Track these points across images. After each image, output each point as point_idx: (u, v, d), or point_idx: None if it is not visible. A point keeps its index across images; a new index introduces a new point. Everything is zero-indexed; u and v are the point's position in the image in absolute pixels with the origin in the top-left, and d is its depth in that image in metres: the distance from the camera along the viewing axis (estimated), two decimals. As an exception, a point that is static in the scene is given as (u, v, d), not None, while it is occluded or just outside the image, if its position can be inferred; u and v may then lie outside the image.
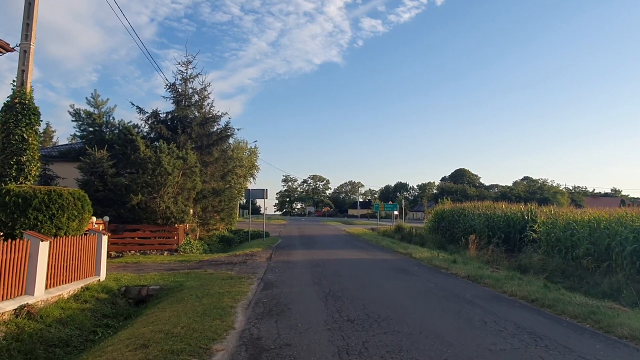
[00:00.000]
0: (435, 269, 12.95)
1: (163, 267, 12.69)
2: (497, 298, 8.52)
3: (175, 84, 20.61)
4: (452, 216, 27.63)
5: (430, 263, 14.39)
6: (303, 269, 12.19)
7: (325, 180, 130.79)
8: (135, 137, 16.95)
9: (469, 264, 14.04)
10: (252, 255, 15.69)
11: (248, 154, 36.47)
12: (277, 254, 16.69)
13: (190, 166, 17.84)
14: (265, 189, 23.21)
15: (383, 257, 16.30)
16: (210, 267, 12.59)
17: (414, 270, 12.56)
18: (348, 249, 19.16)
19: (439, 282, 10.29)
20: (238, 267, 12.36)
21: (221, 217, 21.46)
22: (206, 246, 19.77)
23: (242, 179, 32.06)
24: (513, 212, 22.76)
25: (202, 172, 19.78)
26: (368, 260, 14.80)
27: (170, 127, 19.85)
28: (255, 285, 9.38)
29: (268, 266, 12.78)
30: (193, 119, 20.24)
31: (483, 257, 17.63)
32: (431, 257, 15.64)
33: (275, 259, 15.03)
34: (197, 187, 17.84)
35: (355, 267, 12.77)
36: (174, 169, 16.60)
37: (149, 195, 16.38)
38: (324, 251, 17.91)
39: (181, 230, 17.47)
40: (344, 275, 11.05)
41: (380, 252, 18.05)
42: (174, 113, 20.13)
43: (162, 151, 16.53)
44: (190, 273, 11.22)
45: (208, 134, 20.98)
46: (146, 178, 16.12)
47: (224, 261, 13.99)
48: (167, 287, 9.70)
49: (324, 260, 14.38)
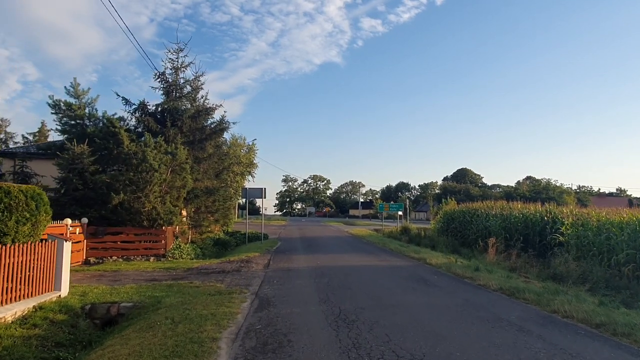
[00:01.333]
0: (457, 279, 11.22)
1: (144, 277, 10.98)
2: (551, 321, 6.79)
3: (165, 73, 18.91)
4: (463, 217, 25.90)
5: (449, 270, 12.67)
6: (306, 279, 10.47)
7: (325, 180, 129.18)
8: (119, 130, 15.22)
9: (494, 272, 12.32)
10: (248, 262, 13.97)
11: (246, 151, 34.72)
12: (276, 259, 14.97)
13: (180, 162, 16.13)
14: (263, 188, 21.49)
15: (394, 262, 14.58)
16: (199, 277, 10.86)
17: (435, 280, 10.83)
18: (354, 253, 17.44)
19: (470, 297, 8.56)
20: (230, 277, 10.63)
21: (215, 218, 19.73)
22: (199, 250, 18.04)
23: (239, 177, 30.33)
24: (531, 212, 21.06)
25: (194, 170, 18.07)
26: (379, 268, 13.07)
27: (159, 120, 18.13)
28: (247, 303, 7.65)
29: (265, 276, 11.06)
30: (184, 111, 18.52)
31: (504, 262, 15.91)
32: (449, 264, 13.92)
33: (274, 265, 13.31)
34: (188, 185, 16.12)
35: (366, 277, 11.04)
36: (160, 165, 14.88)
37: (133, 195, 14.66)
38: (328, 256, 16.19)
39: (170, 233, 15.76)
40: (355, 287, 9.32)
41: (390, 257, 16.33)
42: (164, 105, 18.41)
43: (148, 145, 14.81)
44: (173, 285, 9.49)
45: (201, 128, 19.26)
46: (129, 175, 14.41)
47: (215, 269, 12.27)
48: (142, 304, 7.98)
49: (329, 268, 12.66)
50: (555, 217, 19.29)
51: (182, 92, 19.28)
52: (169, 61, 19.05)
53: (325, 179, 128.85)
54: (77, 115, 17.23)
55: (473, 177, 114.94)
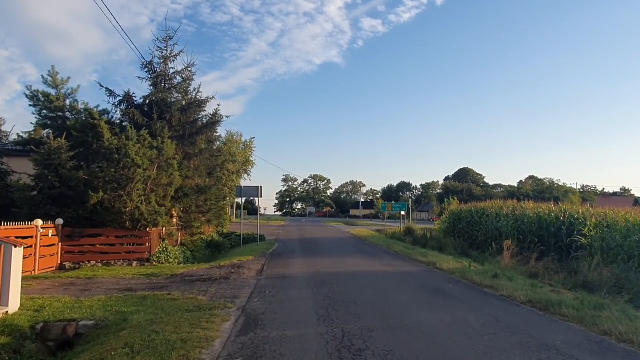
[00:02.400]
0: (476, 288, 9.85)
1: (120, 286, 9.63)
2: (608, 349, 5.44)
3: (153, 62, 17.54)
4: (470, 217, 24.53)
5: (464, 277, 11.31)
6: (303, 289, 9.11)
7: (326, 179, 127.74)
8: (98, 122, 13.86)
9: (515, 280, 10.97)
10: (240, 267, 12.61)
11: (242, 148, 33.25)
12: (270, 264, 13.61)
13: (167, 158, 14.77)
14: (259, 186, 20.12)
15: (401, 267, 13.22)
16: (181, 285, 9.50)
17: (451, 289, 9.46)
18: (357, 256, 16.08)
19: (498, 314, 7.19)
20: (216, 287, 9.26)
21: (207, 218, 18.37)
22: (188, 253, 16.70)
23: (234, 175, 28.91)
24: (545, 212, 19.72)
25: (183, 166, 16.72)
26: (385, 274, 11.71)
27: (146, 113, 16.76)
28: (230, 322, 6.29)
29: (256, 284, 9.69)
30: (173, 103, 17.15)
31: (521, 267, 14.57)
32: (462, 269, 12.56)
33: (268, 271, 11.95)
34: (175, 182, 14.76)
35: (372, 286, 9.67)
36: (144, 161, 13.53)
37: (114, 193, 13.31)
38: (329, 259, 14.83)
39: (155, 235, 14.40)
40: (360, 300, 7.96)
41: (397, 261, 14.97)
42: (151, 96, 17.04)
43: (130, 138, 13.45)
44: (148, 297, 8.13)
45: (192, 122, 17.90)
46: (110, 171, 13.06)
47: (202, 276, 10.91)
48: (105, 323, 6.63)
49: (330, 274, 11.30)
50: (571, 217, 18.00)
51: (171, 83, 17.92)
52: (157, 49, 17.70)
53: (325, 178, 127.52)
54: (56, 107, 15.88)
55: (474, 177, 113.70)
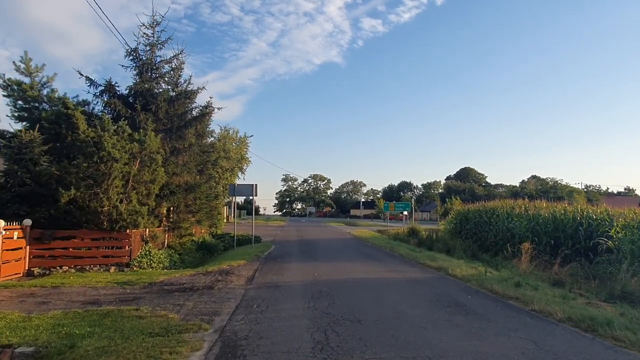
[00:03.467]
0: (500, 300, 8.47)
1: (85, 298, 8.26)
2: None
3: (138, 50, 16.16)
4: (479, 217, 23.11)
5: (482, 286, 9.94)
6: (298, 302, 7.74)
7: (326, 179, 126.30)
8: (73, 112, 12.49)
9: (540, 289, 9.61)
10: (228, 273, 11.24)
11: (237, 144, 31.79)
12: (264, 269, 12.24)
13: (150, 152, 13.40)
14: (253, 185, 18.74)
15: (410, 274, 11.84)
16: (155, 298, 8.13)
17: (472, 303, 8.08)
18: (360, 261, 14.70)
19: (539, 338, 5.80)
20: (195, 300, 7.89)
21: (197, 218, 16.99)
22: (176, 257, 15.31)
23: (228, 173, 27.51)
24: (561, 212, 18.36)
25: (171, 162, 15.36)
26: (393, 282, 10.33)
27: (130, 104, 15.39)
28: (201, 353, 4.90)
29: (244, 296, 8.32)
30: (160, 94, 15.79)
31: (540, 272, 13.20)
32: (478, 276, 11.19)
33: (260, 279, 10.57)
34: (159, 179, 13.38)
35: (378, 298, 8.29)
36: (123, 155, 12.16)
37: (89, 190, 11.95)
38: (328, 264, 13.45)
39: (136, 238, 13.03)
40: (367, 319, 6.58)
41: (403, 266, 13.59)
42: (136, 86, 15.67)
43: (106, 129, 12.08)
44: (110, 314, 6.76)
45: (181, 114, 16.53)
46: (83, 166, 11.69)
47: (183, 284, 9.54)
48: (46, 350, 5.27)
49: (330, 283, 9.93)
50: (589, 217, 16.66)
51: (158, 73, 16.55)
52: (143, 36, 16.33)
53: (325, 178, 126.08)
54: (30, 97, 14.48)
55: (476, 177, 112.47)
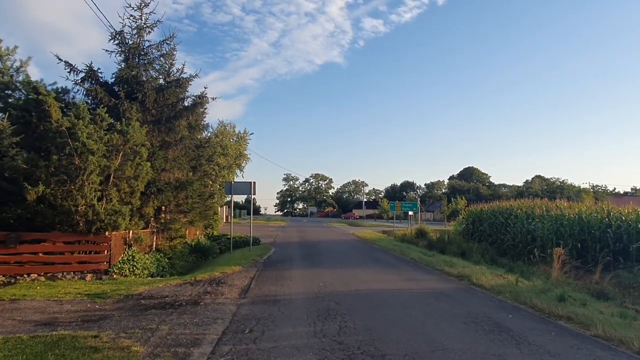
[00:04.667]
0: (549, 321, 6.90)
1: (42, 316, 6.73)
2: None
3: (124, 33, 14.62)
4: (494, 218, 21.57)
5: (518, 300, 8.39)
6: (301, 325, 6.19)
7: (328, 179, 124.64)
8: (45, 98, 10.96)
9: (590, 305, 8.08)
10: (220, 282, 9.70)
11: (236, 140, 30.21)
12: (261, 278, 10.69)
13: (135, 144, 11.88)
14: (252, 182, 17.21)
15: (430, 283, 10.28)
16: (126, 317, 6.59)
17: (518, 326, 6.50)
18: (369, 267, 13.13)
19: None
20: (172, 322, 6.34)
21: (190, 219, 15.44)
22: (165, 262, 13.76)
23: (226, 170, 25.94)
24: (587, 212, 16.85)
25: (159, 156, 13.82)
26: (412, 295, 8.77)
27: (115, 93, 13.87)
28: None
29: (234, 316, 6.76)
30: (147, 82, 14.26)
31: (575, 281, 11.65)
32: (509, 287, 9.63)
33: (256, 290, 9.02)
34: (143, 175, 11.84)
35: (400, 319, 6.73)
36: (100, 146, 10.64)
37: (61, 187, 10.43)
38: (335, 271, 11.90)
39: (117, 241, 11.50)
40: (393, 353, 5.00)
41: (420, 273, 12.03)
42: (121, 73, 14.14)
43: (81, 117, 10.55)
44: (60, 343, 5.21)
45: (171, 105, 15.00)
46: (53, 159, 10.17)
47: (164, 298, 8.00)
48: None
49: (339, 296, 8.38)
50: (618, 218, 15.20)
51: (147, 59, 15.02)
52: (129, 18, 14.78)
53: (327, 177, 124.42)
54: (1, 84, 13.00)
55: (480, 176, 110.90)
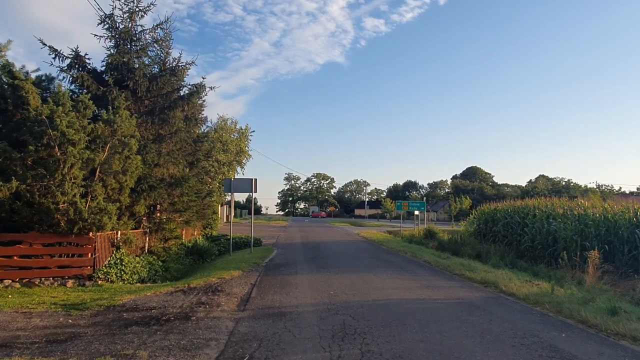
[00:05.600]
0: (612, 342, 5.71)
1: (4, 333, 5.59)
2: None
3: (114, 17, 13.47)
4: (509, 218, 20.35)
5: (562, 313, 7.23)
6: (313, 350, 5.01)
7: (329, 178, 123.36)
8: (22, 84, 9.81)
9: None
10: (217, 290, 8.53)
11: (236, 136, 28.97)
12: (263, 285, 9.52)
13: (123, 135, 10.72)
14: (253, 179, 16.04)
15: (453, 291, 9.10)
16: (99, 337, 5.42)
17: (580, 350, 5.31)
18: (382, 271, 11.94)
19: None
20: (155, 344, 5.16)
21: (185, 218, 14.26)
22: (158, 265, 12.61)
23: (226, 167, 24.72)
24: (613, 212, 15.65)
25: (151, 150, 12.65)
26: (441, 307, 7.58)
27: (104, 82, 12.72)
28: None
29: (231, 336, 5.59)
30: (139, 68, 13.11)
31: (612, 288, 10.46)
32: (543, 296, 8.46)
33: (257, 301, 7.84)
34: (132, 169, 10.68)
35: (435, 342, 5.54)
36: (82, 137, 9.48)
37: (39, 182, 9.29)
38: (346, 277, 10.72)
39: (103, 243, 10.34)
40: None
41: (438, 279, 10.84)
42: (111, 59, 12.99)
43: (61, 103, 9.40)
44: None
45: (165, 95, 13.84)
46: (29, 150, 9.02)
47: (151, 310, 6.83)
48: None
49: (354, 308, 7.20)
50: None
51: (139, 44, 13.86)
52: (120, 1, 13.63)
53: (329, 177, 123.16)
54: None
55: (483, 176, 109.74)
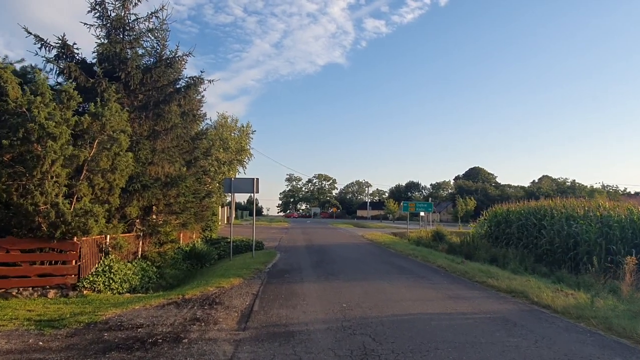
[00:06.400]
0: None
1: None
2: None
3: (105, 3, 12.52)
4: (524, 219, 19.36)
5: (612, 329, 6.26)
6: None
7: (331, 179, 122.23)
8: (1, 72, 8.86)
9: None
10: (214, 303, 7.55)
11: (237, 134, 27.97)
12: (267, 295, 8.52)
13: (112, 130, 9.76)
14: (255, 178, 15.06)
15: (482, 304, 8.10)
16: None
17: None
18: (396, 278, 10.93)
19: None
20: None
21: (182, 220, 13.29)
22: (152, 271, 11.62)
23: (226, 167, 23.71)
24: (639, 213, 14.69)
25: (144, 147, 11.70)
26: (471, 324, 6.58)
27: (94, 73, 11.76)
28: None
29: (230, 365, 4.62)
30: (131, 59, 12.15)
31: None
32: (583, 308, 7.47)
33: (261, 317, 6.85)
34: (121, 166, 9.70)
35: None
36: (64, 130, 8.52)
37: (18, 181, 8.33)
38: (358, 285, 9.71)
39: (89, 248, 9.36)
40: None
41: (460, 287, 9.83)
42: (102, 48, 12.03)
43: (39, 93, 8.44)
44: None
45: (160, 88, 12.88)
46: (4, 144, 8.05)
47: (137, 329, 5.85)
48: None
49: (375, 326, 6.20)
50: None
51: (132, 34, 12.91)
52: (113, -13, 12.68)
53: (330, 178, 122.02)
54: (-43, 60, 10.90)
55: (486, 176, 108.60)
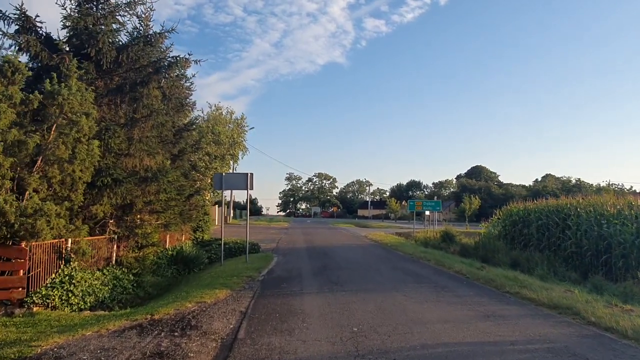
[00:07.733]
0: None
1: None
2: None
3: (75, -29, 10.86)
4: (545, 219, 17.66)
5: None
6: None
7: (331, 178, 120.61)
8: None
9: None
10: (189, 327, 5.88)
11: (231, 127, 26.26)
12: (257, 315, 6.84)
13: (72, 111, 8.11)
14: (248, 174, 13.40)
15: (528, 326, 6.42)
16: None
17: None
18: (412, 289, 9.25)
19: None
20: None
21: (164, 221, 11.62)
22: (127, 280, 9.96)
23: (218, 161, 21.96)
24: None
25: (117, 135, 10.03)
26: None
27: (58, 50, 10.10)
28: None
29: None
30: (103, 35, 10.48)
31: None
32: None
33: (245, 351, 5.15)
34: (82, 156, 8.05)
35: None
36: (7, 111, 6.87)
37: (-53, 173, 6.67)
38: (370, 299, 8.05)
39: (44, 255, 7.70)
40: None
41: (492, 302, 8.15)
42: (70, 21, 10.39)
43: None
44: None
45: (138, 68, 11.22)
46: None
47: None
48: None
49: None
50: None
51: (107, 7, 11.27)
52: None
53: (331, 177, 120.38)
54: None
55: (489, 175, 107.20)
